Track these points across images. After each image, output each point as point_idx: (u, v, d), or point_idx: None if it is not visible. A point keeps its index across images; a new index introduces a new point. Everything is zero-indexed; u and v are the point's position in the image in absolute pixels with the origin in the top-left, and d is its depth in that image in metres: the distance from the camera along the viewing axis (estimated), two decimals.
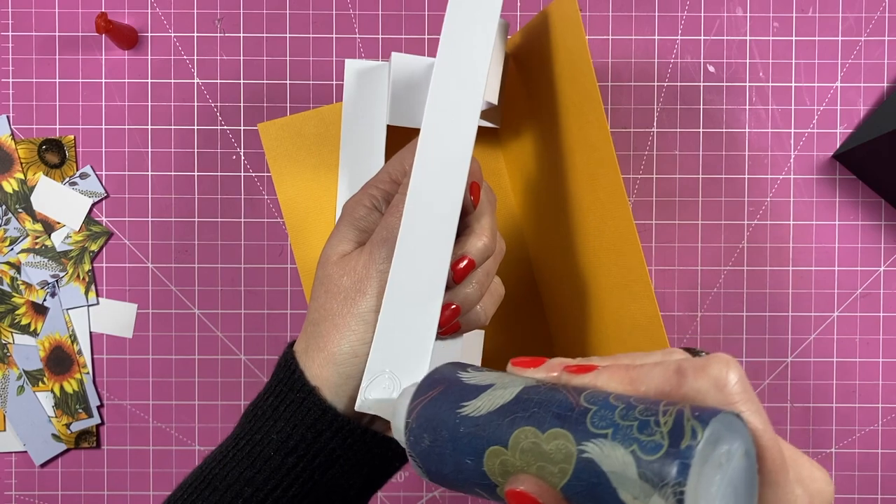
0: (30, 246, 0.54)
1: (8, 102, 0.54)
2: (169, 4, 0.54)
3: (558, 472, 0.23)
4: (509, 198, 0.55)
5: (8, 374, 0.55)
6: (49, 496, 0.55)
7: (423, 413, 0.29)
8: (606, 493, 0.22)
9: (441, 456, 0.28)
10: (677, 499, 0.20)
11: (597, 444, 0.22)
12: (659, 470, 0.21)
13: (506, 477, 0.25)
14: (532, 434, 0.24)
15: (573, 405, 0.24)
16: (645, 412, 0.22)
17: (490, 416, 0.26)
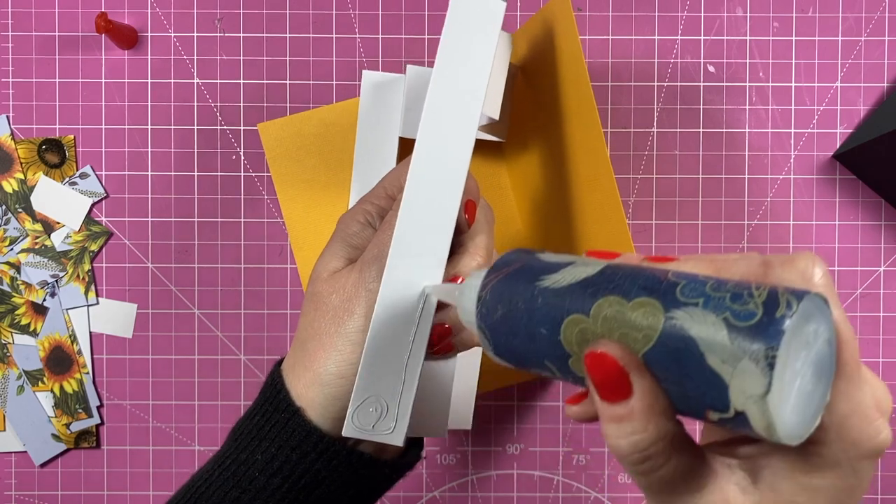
0: (30, 246, 0.54)
1: (8, 102, 0.54)
2: (169, 4, 0.54)
3: (642, 338, 0.23)
4: (513, 213, 0.54)
5: (8, 374, 0.55)
6: (49, 496, 0.55)
7: (497, 286, 0.28)
8: (692, 358, 0.22)
9: (513, 328, 0.27)
10: (769, 363, 0.20)
11: (686, 312, 0.22)
12: (752, 335, 0.20)
13: (583, 346, 0.24)
14: (616, 302, 0.24)
15: (661, 278, 0.23)
16: (737, 287, 0.22)
17: (571, 287, 0.25)
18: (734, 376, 0.21)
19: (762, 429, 0.21)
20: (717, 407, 0.22)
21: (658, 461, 0.23)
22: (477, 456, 0.56)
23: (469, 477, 0.56)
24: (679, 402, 0.23)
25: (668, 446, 0.23)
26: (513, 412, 0.56)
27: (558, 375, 0.27)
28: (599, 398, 0.24)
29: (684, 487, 0.24)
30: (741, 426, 0.22)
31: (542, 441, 0.56)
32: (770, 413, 0.20)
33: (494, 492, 0.56)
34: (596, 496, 0.56)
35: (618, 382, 0.23)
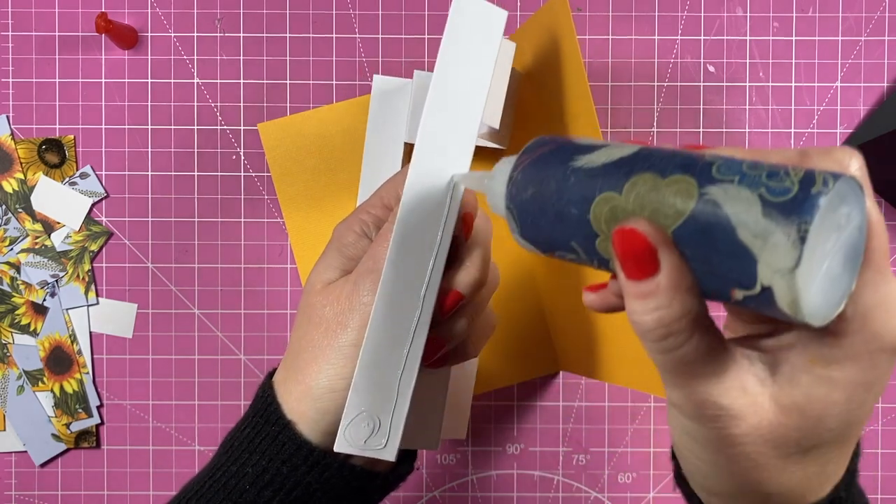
0: (30, 246, 0.54)
1: (8, 102, 0.54)
2: (169, 4, 0.54)
3: (673, 214, 0.22)
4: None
5: (8, 373, 0.55)
6: (49, 496, 0.55)
7: (530, 166, 0.28)
8: (723, 233, 0.21)
9: (542, 207, 0.27)
10: (800, 237, 0.20)
11: (721, 188, 0.22)
12: (787, 209, 0.20)
13: (612, 224, 0.24)
14: (651, 179, 0.23)
15: (697, 159, 0.23)
16: (773, 166, 0.22)
17: (605, 166, 0.25)
18: (764, 250, 0.21)
19: (787, 305, 0.21)
20: (743, 283, 0.21)
21: (680, 338, 0.23)
22: (477, 456, 0.56)
23: (469, 477, 0.56)
24: (705, 281, 0.23)
25: (691, 323, 0.23)
26: (513, 412, 0.56)
27: (583, 258, 0.26)
28: (626, 276, 0.24)
29: (703, 370, 0.24)
30: (765, 305, 0.21)
31: (542, 441, 0.56)
32: (797, 288, 0.20)
33: (494, 492, 0.56)
34: (596, 496, 0.56)
35: (645, 259, 0.23)
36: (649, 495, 0.56)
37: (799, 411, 0.24)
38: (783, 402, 0.24)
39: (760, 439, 0.24)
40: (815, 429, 0.24)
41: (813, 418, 0.24)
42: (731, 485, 0.26)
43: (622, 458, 0.56)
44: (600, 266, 0.26)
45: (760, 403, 0.24)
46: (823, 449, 0.25)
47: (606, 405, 0.56)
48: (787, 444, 0.24)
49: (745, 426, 0.24)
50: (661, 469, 0.56)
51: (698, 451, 0.26)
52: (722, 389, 0.24)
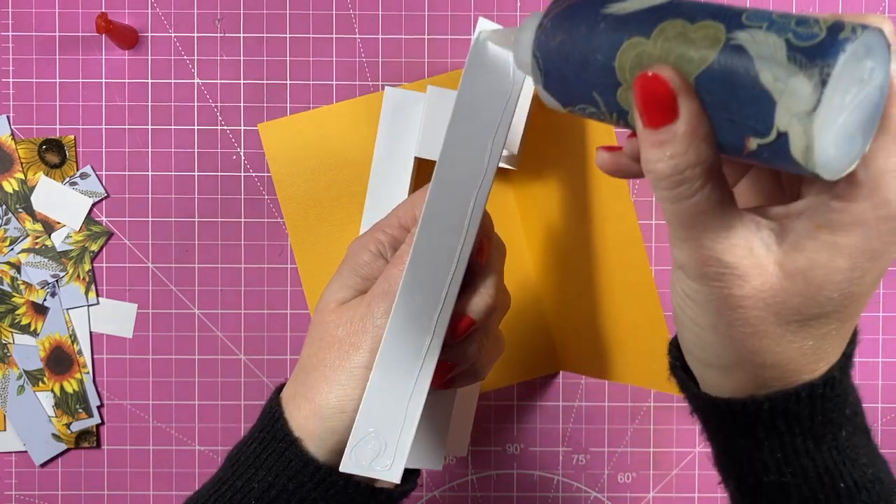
0: (30, 246, 0.54)
1: (8, 102, 0.54)
2: (169, 4, 0.54)
3: (698, 59, 0.22)
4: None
5: (8, 373, 0.55)
6: (49, 496, 0.55)
7: (561, 14, 0.27)
8: (746, 77, 0.21)
9: (569, 54, 0.26)
10: (822, 79, 0.20)
11: (749, 33, 0.22)
12: (812, 52, 0.20)
13: (636, 71, 0.24)
14: (680, 25, 0.23)
15: (729, 7, 0.23)
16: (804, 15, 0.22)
17: (637, 13, 0.25)
18: (784, 93, 0.21)
19: (800, 152, 0.21)
20: (759, 130, 0.21)
21: (694, 186, 0.23)
22: (477, 456, 0.56)
23: (469, 477, 0.56)
24: (722, 131, 0.23)
25: (705, 172, 0.23)
26: (513, 412, 0.56)
27: (602, 111, 0.26)
28: (644, 125, 0.24)
29: (712, 223, 0.24)
30: (778, 155, 0.21)
31: (542, 441, 0.56)
32: (812, 133, 0.20)
33: (494, 492, 0.56)
34: (596, 496, 0.56)
35: (665, 105, 0.23)
36: (649, 495, 0.56)
37: (802, 277, 0.24)
38: (787, 267, 0.24)
39: (762, 303, 0.24)
40: (816, 296, 0.24)
41: (815, 284, 0.24)
42: (727, 353, 0.26)
43: (622, 458, 0.56)
44: (619, 119, 0.26)
45: (765, 266, 0.24)
46: (823, 320, 0.25)
47: (606, 405, 0.56)
48: (787, 311, 0.25)
49: (747, 287, 0.24)
50: (662, 469, 0.56)
51: (699, 316, 0.26)
52: (728, 246, 0.24)
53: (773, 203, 0.26)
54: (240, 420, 0.55)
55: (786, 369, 0.26)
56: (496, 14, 0.54)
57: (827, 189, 0.24)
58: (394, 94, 0.48)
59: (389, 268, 0.35)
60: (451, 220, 0.33)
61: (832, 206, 0.23)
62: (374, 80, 0.54)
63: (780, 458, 0.28)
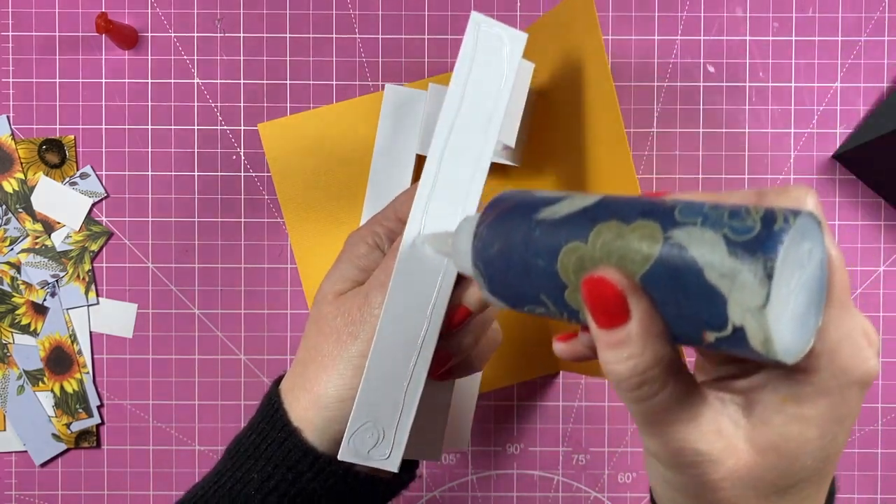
0: (30, 246, 0.54)
1: (8, 102, 0.54)
2: (169, 4, 0.54)
3: (641, 259, 0.23)
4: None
5: (8, 373, 0.55)
6: (49, 496, 0.55)
7: (494, 222, 0.28)
8: (691, 275, 0.22)
9: (509, 260, 0.27)
10: (767, 273, 0.20)
11: (685, 231, 0.22)
12: (752, 248, 0.21)
13: (580, 274, 0.24)
14: (615, 227, 0.24)
15: (660, 203, 0.23)
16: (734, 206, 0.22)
17: (569, 216, 0.25)
18: (733, 290, 0.21)
19: (759, 343, 0.21)
20: (715, 325, 0.22)
21: (655, 386, 0.23)
22: (477, 456, 0.56)
23: (469, 477, 0.56)
24: (676, 325, 0.23)
25: (664, 371, 0.23)
26: (513, 412, 0.56)
27: (553, 310, 0.26)
28: (597, 326, 0.24)
29: (678, 416, 0.24)
30: (738, 345, 0.22)
31: (542, 441, 0.56)
32: (768, 325, 0.21)
33: (494, 492, 0.56)
34: (596, 496, 0.56)
35: (615, 307, 0.23)
36: (649, 495, 0.56)
37: (775, 451, 0.24)
38: (758, 442, 0.24)
39: (739, 482, 0.24)
40: (790, 468, 0.24)
41: (788, 457, 0.24)
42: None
43: (622, 458, 0.56)
44: (570, 318, 0.26)
45: (736, 445, 0.24)
46: (800, 486, 0.25)
47: (606, 405, 0.56)
48: (764, 485, 0.24)
49: (723, 470, 0.24)
50: None
51: (678, 499, 0.26)
52: (698, 434, 0.24)
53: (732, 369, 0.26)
54: (240, 420, 0.55)
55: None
56: (496, 14, 0.54)
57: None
58: (394, 91, 0.48)
59: (387, 259, 0.35)
60: (446, 210, 0.34)
61: (795, 379, 0.23)
62: (374, 80, 0.54)
63: None
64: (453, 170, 0.34)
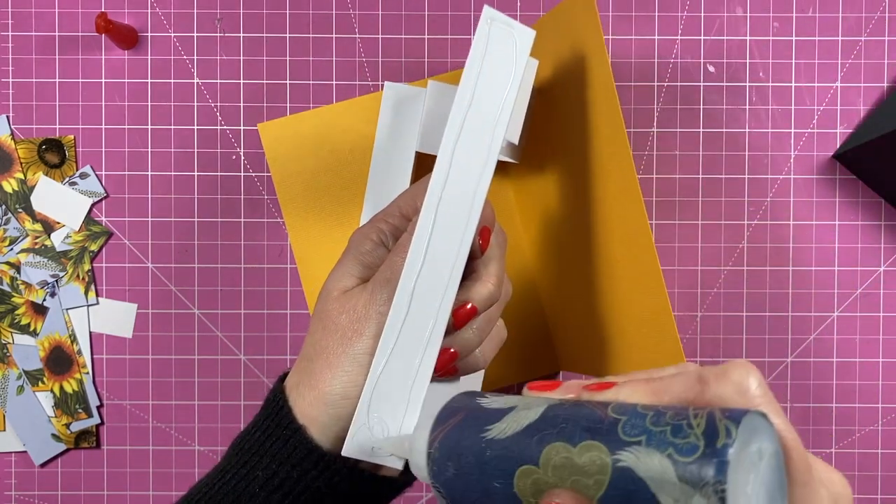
0: (29, 246, 0.54)
1: (8, 102, 0.54)
2: (169, 4, 0.54)
3: (594, 483, 0.23)
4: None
5: (8, 374, 0.55)
6: (49, 496, 0.55)
7: (445, 442, 0.28)
8: (645, 499, 0.22)
9: (467, 483, 0.27)
10: (719, 497, 0.20)
11: (632, 452, 0.22)
12: (698, 471, 0.21)
13: (538, 496, 0.25)
14: (563, 449, 0.24)
15: (601, 417, 0.24)
16: (675, 417, 0.22)
17: (517, 436, 0.26)
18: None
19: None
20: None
21: None
22: None
23: None
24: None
25: None
26: None
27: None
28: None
29: None
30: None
31: None
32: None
33: None
34: None
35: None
36: None
37: None
38: None
39: None
40: None
41: None
42: None
43: None
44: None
45: None
46: None
47: None
48: None
49: None
50: None
51: None
52: None
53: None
54: (240, 420, 0.55)
55: None
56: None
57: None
58: (394, 88, 0.48)
59: (392, 256, 0.35)
60: (454, 209, 0.34)
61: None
62: (374, 80, 0.54)
63: None
64: (465, 166, 0.34)
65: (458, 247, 0.34)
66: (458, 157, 0.34)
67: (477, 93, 0.34)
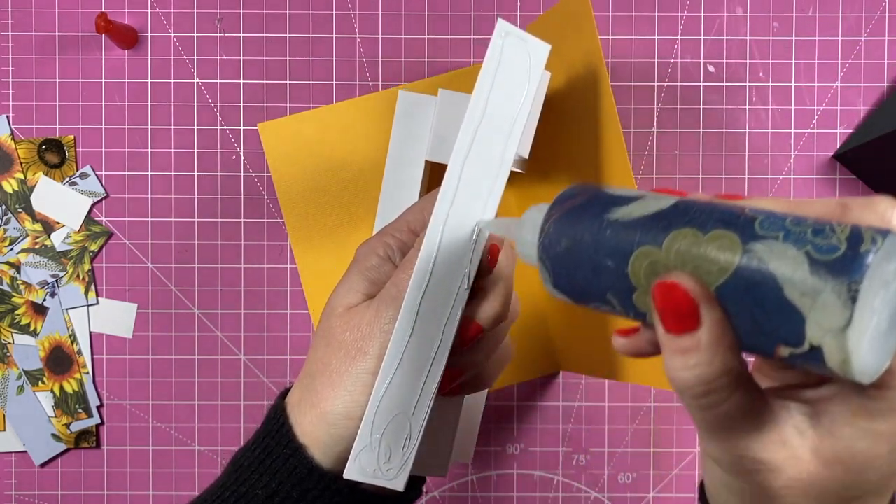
0: (30, 246, 0.54)
1: (8, 102, 0.54)
2: (169, 4, 0.54)
3: (717, 270, 0.22)
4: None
5: (8, 374, 0.55)
6: (49, 496, 0.55)
7: (564, 217, 0.27)
8: (770, 291, 0.21)
9: (577, 259, 0.26)
10: (851, 297, 0.20)
11: (765, 245, 0.21)
12: (836, 269, 0.20)
13: (651, 279, 0.24)
14: (692, 234, 0.23)
15: (738, 213, 0.23)
16: (817, 222, 0.22)
17: (643, 219, 0.25)
18: (813, 309, 0.20)
19: (837, 364, 0.21)
20: (790, 341, 0.21)
21: (721, 395, 0.23)
22: (477, 456, 0.56)
23: (469, 477, 0.56)
24: (748, 337, 0.22)
25: (731, 382, 0.23)
26: (513, 412, 0.56)
27: (618, 310, 0.26)
28: (665, 330, 0.23)
29: (742, 425, 0.24)
30: (812, 362, 0.21)
31: (542, 441, 0.56)
32: (848, 347, 0.20)
33: (494, 492, 0.56)
34: (596, 496, 0.56)
35: (687, 314, 0.22)
36: (649, 495, 0.56)
37: (841, 464, 0.24)
38: (824, 454, 0.24)
39: (800, 492, 0.24)
40: (855, 481, 0.24)
41: (855, 471, 0.24)
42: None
43: (622, 458, 0.56)
44: (636, 318, 0.26)
45: (800, 456, 0.24)
46: (863, 499, 0.25)
47: (606, 405, 0.56)
48: (826, 497, 0.24)
49: (784, 479, 0.24)
50: (661, 469, 0.56)
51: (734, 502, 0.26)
52: (761, 444, 0.24)
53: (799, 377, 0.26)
54: (239, 420, 0.55)
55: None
56: (496, 14, 0.54)
57: None
58: (406, 97, 0.48)
59: (398, 272, 0.34)
60: (461, 225, 0.33)
61: (868, 394, 0.23)
62: (374, 80, 0.54)
63: None
64: (475, 180, 0.33)
65: (466, 264, 0.33)
66: (468, 173, 0.33)
67: (489, 107, 0.33)
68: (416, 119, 0.48)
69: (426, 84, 0.52)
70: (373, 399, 0.33)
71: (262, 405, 0.55)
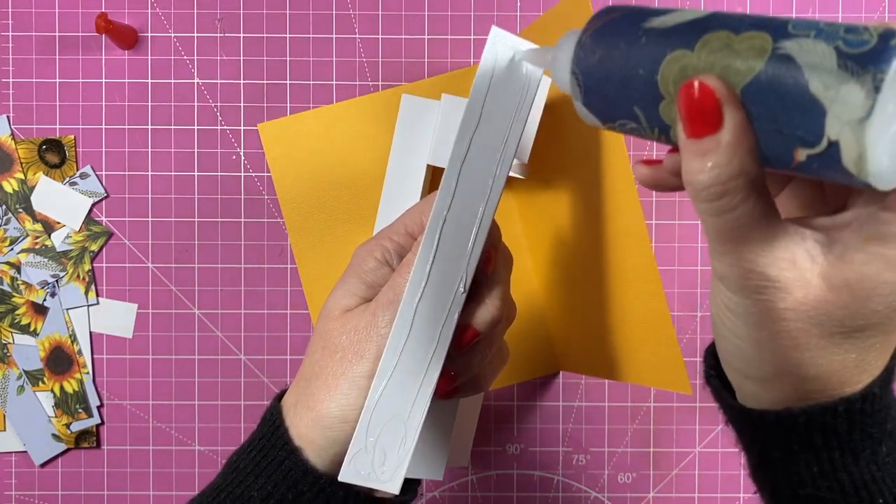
0: (30, 246, 0.54)
1: (8, 102, 0.54)
2: (169, 4, 0.54)
3: (745, 69, 0.22)
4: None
5: (8, 374, 0.55)
6: (49, 496, 0.55)
7: (601, 29, 0.27)
8: (794, 85, 0.21)
9: (609, 70, 0.26)
10: (875, 86, 0.20)
11: (796, 42, 0.21)
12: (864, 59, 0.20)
13: (679, 84, 0.24)
14: (725, 36, 0.23)
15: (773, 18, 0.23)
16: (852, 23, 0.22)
17: (679, 26, 0.25)
18: (835, 102, 0.20)
19: (853, 161, 0.21)
20: (808, 140, 0.21)
21: (736, 199, 0.23)
22: (477, 456, 0.56)
23: (469, 477, 0.56)
24: (769, 143, 0.22)
25: (747, 184, 0.23)
26: (513, 412, 0.56)
27: (644, 125, 0.26)
28: (687, 135, 0.23)
29: (753, 236, 0.24)
30: (829, 165, 0.21)
31: (542, 441, 0.56)
32: (865, 141, 0.20)
33: (494, 492, 0.56)
34: (596, 496, 0.56)
35: (710, 114, 0.22)
36: (649, 495, 0.56)
37: (848, 289, 0.24)
38: (833, 279, 0.24)
39: (805, 315, 0.24)
40: (861, 308, 0.24)
41: (861, 297, 0.24)
42: (769, 366, 0.26)
43: (622, 458, 0.56)
44: (660, 135, 0.26)
45: (808, 279, 0.24)
46: (868, 332, 0.25)
47: (606, 405, 0.56)
48: (831, 323, 0.24)
49: (790, 300, 0.24)
50: (661, 469, 0.56)
51: (739, 328, 0.26)
52: (771, 259, 0.24)
53: (815, 214, 0.26)
54: (239, 420, 0.55)
55: (828, 382, 0.26)
56: (496, 14, 0.54)
57: (876, 200, 0.23)
58: (409, 101, 0.48)
59: (395, 276, 0.34)
60: (458, 230, 0.33)
61: (882, 218, 0.23)
62: (374, 80, 0.54)
63: (816, 472, 0.27)
64: (471, 187, 0.33)
65: (462, 269, 0.33)
66: (465, 177, 0.33)
67: (485, 112, 0.33)
68: (418, 123, 0.48)
69: (426, 84, 0.52)
70: (368, 402, 0.33)
71: (262, 405, 0.55)
